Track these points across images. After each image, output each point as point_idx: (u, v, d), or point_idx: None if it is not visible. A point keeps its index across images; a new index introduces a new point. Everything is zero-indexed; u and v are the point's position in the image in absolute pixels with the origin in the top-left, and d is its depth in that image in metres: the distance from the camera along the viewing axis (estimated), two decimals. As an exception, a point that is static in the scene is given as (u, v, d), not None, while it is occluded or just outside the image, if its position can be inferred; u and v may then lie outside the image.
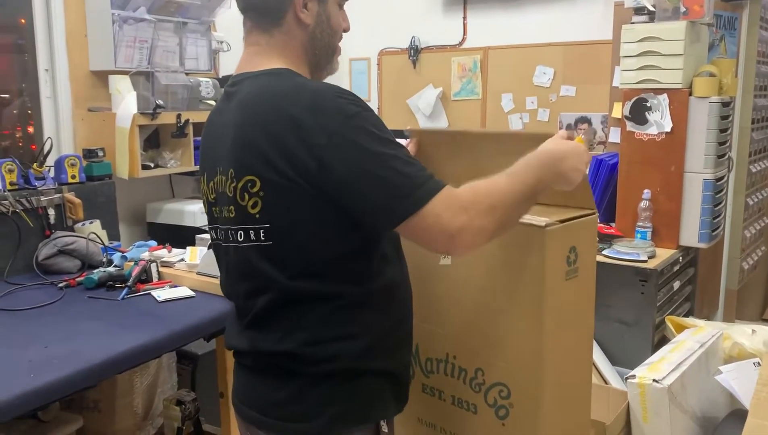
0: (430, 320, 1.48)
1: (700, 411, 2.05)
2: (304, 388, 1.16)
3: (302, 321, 1.15)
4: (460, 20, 3.91)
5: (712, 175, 2.65)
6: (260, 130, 1.08)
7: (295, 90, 1.10)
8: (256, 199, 1.10)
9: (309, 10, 1.19)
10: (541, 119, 3.65)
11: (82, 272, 2.30)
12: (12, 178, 2.39)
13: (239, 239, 1.15)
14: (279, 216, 1.10)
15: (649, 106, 2.70)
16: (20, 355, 1.64)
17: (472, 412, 1.44)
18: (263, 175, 1.08)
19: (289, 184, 1.07)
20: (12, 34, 2.82)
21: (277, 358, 1.17)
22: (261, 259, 1.14)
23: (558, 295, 1.34)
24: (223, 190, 1.16)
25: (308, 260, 1.12)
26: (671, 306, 2.71)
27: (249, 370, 1.24)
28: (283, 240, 1.11)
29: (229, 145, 1.14)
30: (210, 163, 1.22)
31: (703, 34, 2.74)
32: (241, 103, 1.14)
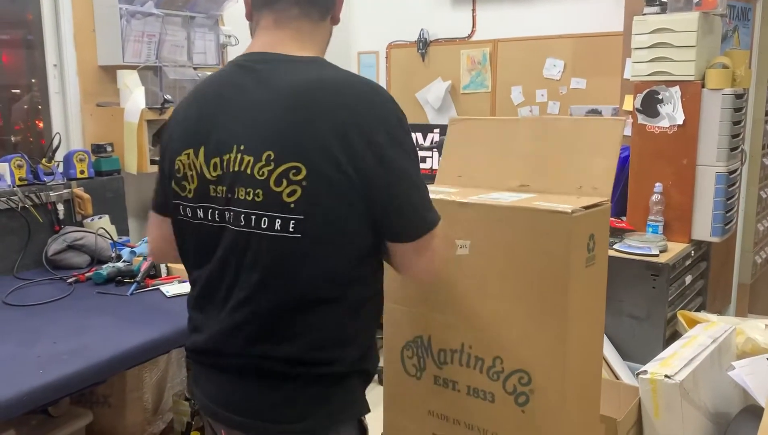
0: (444, 310, 1.48)
1: (713, 407, 2.03)
2: (298, 390, 1.14)
3: (309, 323, 1.12)
4: (469, 12, 3.89)
5: (725, 169, 2.62)
6: (317, 117, 1.05)
7: (354, 80, 1.12)
8: (295, 187, 1.05)
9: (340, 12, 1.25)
10: (552, 112, 3.63)
11: (91, 268, 2.31)
12: (21, 173, 2.39)
13: (261, 226, 1.08)
14: (316, 209, 1.06)
15: (660, 98, 2.67)
16: (29, 351, 1.64)
17: (489, 401, 1.44)
18: (312, 163, 1.04)
19: (339, 177, 1.04)
20: (20, 29, 2.82)
21: (275, 362, 1.13)
22: (282, 251, 1.08)
23: (579, 281, 1.35)
24: (242, 170, 1.08)
25: (331, 258, 1.10)
26: (683, 300, 2.69)
27: (233, 373, 1.17)
28: (312, 235, 1.07)
29: (265, 126, 1.08)
30: (214, 137, 1.12)
31: (716, 25, 2.70)
32: (291, 87, 1.09)
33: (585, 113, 3.47)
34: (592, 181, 1.46)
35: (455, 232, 1.42)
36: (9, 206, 2.30)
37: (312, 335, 1.12)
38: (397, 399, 1.61)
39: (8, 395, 1.40)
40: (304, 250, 1.08)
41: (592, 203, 1.37)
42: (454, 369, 1.49)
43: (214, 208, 1.14)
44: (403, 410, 1.60)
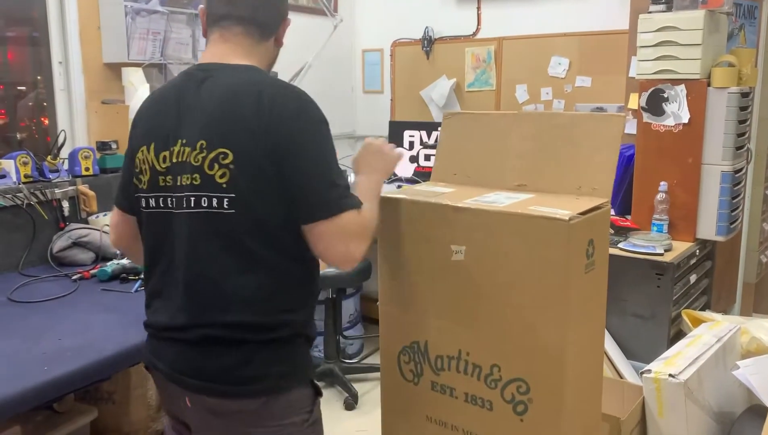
0: (441, 316, 1.46)
1: (717, 406, 2.03)
2: (252, 353, 1.27)
3: (256, 291, 1.26)
4: (474, 10, 3.88)
5: (731, 168, 2.61)
6: (244, 113, 1.23)
7: (277, 84, 1.29)
8: (225, 170, 1.22)
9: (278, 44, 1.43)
10: (557, 110, 3.62)
11: (96, 264, 2.32)
12: (27, 170, 2.40)
13: (202, 205, 1.25)
14: (244, 187, 1.22)
15: (666, 97, 2.66)
16: (34, 348, 1.65)
17: (487, 408, 1.42)
18: (236, 149, 1.22)
19: (260, 161, 1.21)
20: (26, 27, 2.83)
21: (228, 329, 1.26)
22: (220, 226, 1.24)
23: (579, 287, 1.32)
24: (184, 160, 1.26)
25: (266, 232, 1.25)
26: (687, 300, 2.68)
27: (189, 344, 1.29)
28: (245, 210, 1.23)
29: (204, 120, 1.25)
30: (163, 134, 1.30)
31: (722, 23, 2.69)
32: (221, 86, 1.27)
33: (590, 111, 3.46)
34: (592, 180, 1.43)
35: (450, 236, 1.41)
36: (14, 203, 2.31)
37: (256, 302, 1.26)
38: (394, 404, 1.60)
39: (14, 391, 1.41)
40: (240, 224, 1.24)
41: (592, 207, 1.34)
42: (452, 376, 1.47)
43: (165, 196, 1.31)
44: (401, 415, 1.58)
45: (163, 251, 1.33)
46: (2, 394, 1.39)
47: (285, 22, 1.42)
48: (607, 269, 1.46)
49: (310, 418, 1.36)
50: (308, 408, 1.35)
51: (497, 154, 1.58)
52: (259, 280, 1.26)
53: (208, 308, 1.27)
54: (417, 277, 1.48)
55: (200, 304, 1.28)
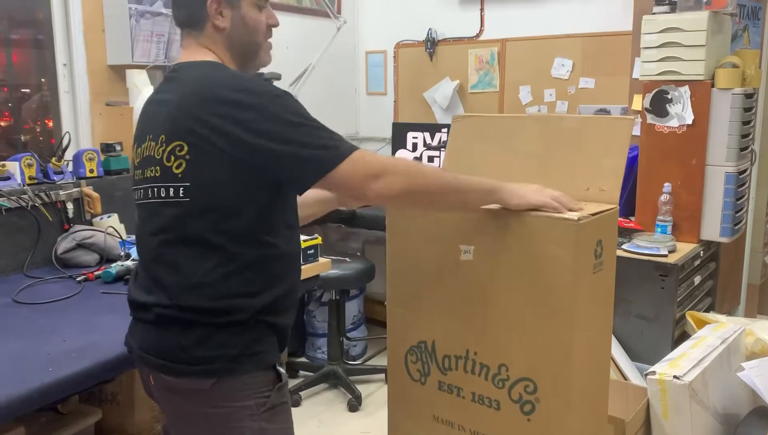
0: (449, 316, 1.46)
1: (722, 408, 2.02)
2: (206, 335, 1.31)
3: (209, 276, 1.30)
4: (477, 12, 3.88)
5: (735, 169, 2.61)
6: (195, 104, 1.27)
7: (231, 76, 1.33)
8: (181, 160, 1.28)
9: (224, 16, 1.39)
10: (560, 111, 3.62)
11: (101, 266, 2.32)
12: (31, 172, 2.41)
13: (161, 195, 1.32)
14: (199, 176, 1.27)
15: (670, 98, 2.66)
16: (39, 349, 1.65)
17: (495, 408, 1.43)
18: (190, 140, 1.26)
19: (212, 150, 1.25)
20: (31, 29, 2.84)
21: (182, 310, 1.31)
22: (177, 214, 1.30)
23: (587, 287, 1.33)
24: (150, 154, 1.34)
25: (221, 219, 1.29)
26: (692, 301, 2.68)
27: (151, 324, 1.36)
28: (199, 198, 1.28)
29: (164, 117, 1.31)
30: (141, 134, 1.39)
31: (726, 24, 2.69)
32: (182, 84, 1.33)
33: (594, 113, 3.46)
34: (600, 182, 1.44)
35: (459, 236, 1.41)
36: (19, 205, 2.32)
37: (208, 286, 1.30)
38: (401, 403, 1.60)
39: (19, 393, 1.41)
40: (195, 212, 1.29)
41: (600, 208, 1.35)
42: (459, 375, 1.47)
43: (138, 189, 1.40)
44: (408, 415, 1.59)
45: (139, 238, 1.43)
46: (7, 395, 1.39)
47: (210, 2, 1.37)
48: (614, 269, 1.47)
49: (267, 402, 1.37)
50: (265, 393, 1.36)
51: (505, 155, 1.58)
52: (211, 264, 1.30)
53: (166, 290, 1.33)
54: (425, 276, 1.48)
55: (159, 286, 1.34)
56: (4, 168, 2.31)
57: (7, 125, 2.80)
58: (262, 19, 1.44)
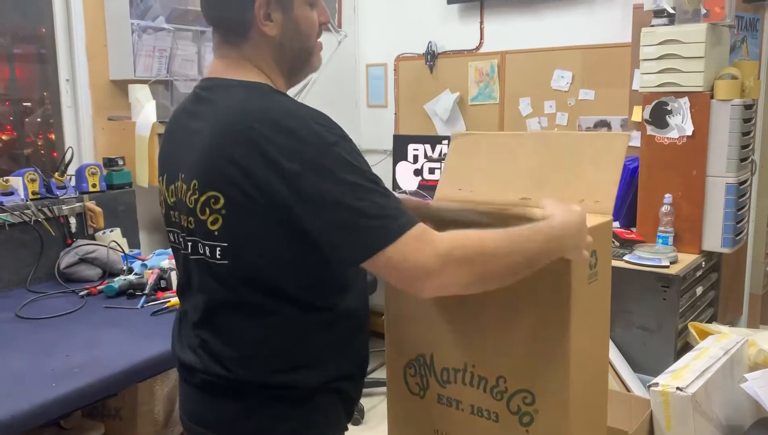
0: (445, 329, 1.47)
1: (725, 419, 2.02)
2: (256, 405, 1.15)
3: (263, 346, 1.13)
4: (476, 25, 3.90)
5: (735, 179, 2.62)
6: (231, 147, 1.05)
7: (272, 110, 1.06)
8: (217, 216, 1.08)
9: (273, 21, 1.14)
10: (560, 123, 3.63)
11: (103, 280, 2.33)
12: (34, 187, 2.42)
13: (199, 251, 1.13)
14: (237, 236, 1.08)
15: (669, 109, 2.67)
16: (42, 364, 1.66)
17: (494, 420, 1.43)
18: (228, 192, 1.06)
19: (253, 207, 1.04)
20: (34, 44, 2.86)
21: (230, 382, 1.14)
22: (219, 276, 1.12)
23: (582, 298, 1.34)
24: (182, 198, 1.14)
25: (268, 283, 1.10)
26: (694, 312, 2.68)
27: (197, 388, 1.20)
28: (239, 261, 1.09)
29: (196, 156, 1.10)
30: (171, 165, 1.18)
31: (724, 36, 2.71)
32: (215, 114, 1.10)
33: (594, 124, 3.47)
34: (594, 194, 1.45)
35: None
36: (22, 220, 2.33)
37: (266, 359, 1.13)
38: (401, 418, 1.60)
39: (22, 408, 1.42)
40: (235, 275, 1.10)
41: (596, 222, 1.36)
42: (458, 388, 1.47)
43: (176, 233, 1.20)
44: (408, 429, 1.58)
45: (183, 288, 1.25)
46: (11, 411, 1.40)
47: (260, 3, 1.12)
48: (610, 280, 1.48)
49: None
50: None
51: (503, 169, 1.59)
52: (265, 333, 1.12)
53: (215, 358, 1.16)
54: None
55: (207, 352, 1.17)
56: (7, 183, 2.32)
57: (10, 139, 2.81)
58: (315, 19, 1.20)
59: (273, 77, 1.18)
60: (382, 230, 1.00)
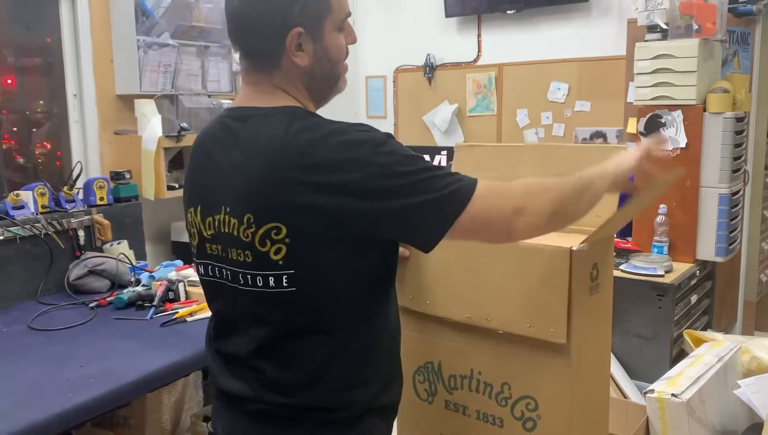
0: (453, 337, 1.52)
1: (720, 425, 2.07)
2: (310, 431, 1.17)
3: (323, 369, 1.15)
4: (474, 38, 3.98)
5: (728, 190, 2.68)
6: (283, 173, 1.06)
7: (316, 132, 1.08)
8: (280, 245, 1.08)
9: (305, 51, 1.15)
10: (557, 134, 3.70)
11: (112, 292, 2.37)
12: (44, 201, 2.47)
13: (258, 284, 1.13)
14: (303, 262, 1.09)
15: (663, 122, 2.74)
16: (57, 375, 1.70)
17: (498, 425, 1.48)
18: (289, 222, 1.07)
19: (317, 231, 1.07)
20: (42, 61, 2.92)
21: (292, 409, 1.16)
22: (282, 305, 1.13)
23: (583, 309, 1.39)
24: (230, 231, 1.13)
25: (331, 304, 1.13)
26: (689, 320, 2.73)
27: (248, 416, 1.20)
28: (307, 285, 1.11)
29: (244, 188, 1.10)
30: (207, 197, 1.18)
31: (716, 50, 2.78)
32: (257, 142, 1.11)
33: (590, 135, 3.54)
34: (595, 208, 1.51)
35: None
36: (33, 233, 2.38)
37: (326, 382, 1.15)
38: (410, 423, 1.65)
39: (41, 418, 1.47)
40: (302, 299, 1.12)
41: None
42: (464, 394, 1.53)
43: (213, 265, 1.19)
44: (417, 433, 1.64)
45: (226, 319, 1.23)
46: (30, 421, 1.45)
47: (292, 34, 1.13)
48: (611, 290, 1.54)
49: None
50: None
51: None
52: (325, 356, 1.15)
53: (272, 386, 1.16)
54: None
55: (261, 382, 1.17)
56: (18, 197, 2.38)
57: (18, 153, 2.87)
58: (343, 44, 1.22)
59: (304, 102, 1.19)
60: (454, 195, 1.07)
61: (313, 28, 1.15)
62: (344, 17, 1.21)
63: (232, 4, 1.16)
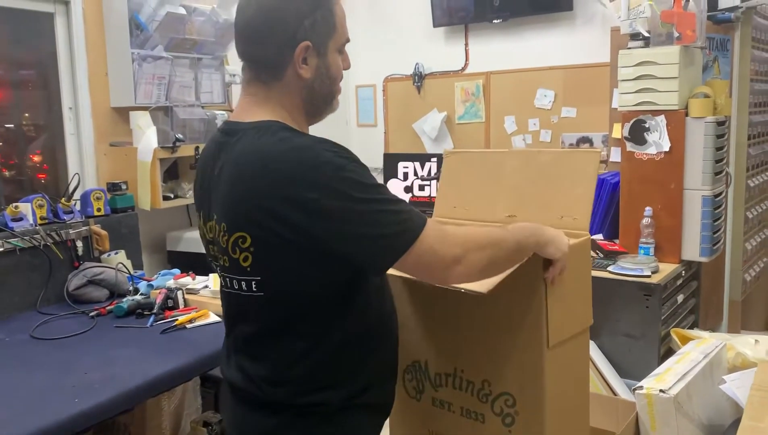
0: (438, 337, 1.59)
1: (707, 419, 2.13)
2: (292, 419, 1.24)
3: (292, 370, 1.22)
4: (462, 47, 4.05)
5: (711, 192, 2.75)
6: (249, 190, 1.14)
7: (281, 147, 1.14)
8: (246, 253, 1.17)
9: (309, 65, 1.22)
10: (544, 140, 3.77)
11: (111, 301, 2.41)
12: (42, 212, 2.51)
13: (234, 287, 1.24)
14: (269, 269, 1.18)
15: (647, 127, 2.81)
16: (62, 381, 1.74)
17: (480, 421, 1.54)
18: (253, 232, 1.15)
19: (278, 241, 1.13)
20: (38, 74, 2.96)
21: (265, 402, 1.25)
22: (255, 307, 1.22)
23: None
24: (217, 238, 1.23)
25: (300, 308, 1.20)
26: (676, 319, 2.80)
27: (240, 402, 1.30)
28: (274, 291, 1.19)
29: (222, 199, 1.20)
30: (206, 205, 1.27)
31: (696, 57, 2.86)
32: (235, 160, 1.18)
33: (576, 141, 3.62)
34: (572, 211, 1.56)
35: None
36: (32, 244, 2.42)
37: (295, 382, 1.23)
38: (400, 419, 1.71)
39: (49, 422, 1.51)
40: (272, 304, 1.21)
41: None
42: (449, 391, 1.59)
43: (216, 265, 1.30)
44: (407, 430, 1.70)
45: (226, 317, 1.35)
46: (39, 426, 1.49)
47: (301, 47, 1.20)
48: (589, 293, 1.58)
49: None
50: None
51: (490, 187, 1.72)
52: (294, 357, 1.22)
53: (252, 381, 1.26)
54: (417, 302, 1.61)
55: (245, 375, 1.28)
56: (17, 209, 2.41)
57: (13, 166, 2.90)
58: (341, 65, 1.29)
59: (295, 115, 1.26)
60: (405, 232, 1.14)
61: (319, 44, 1.22)
62: (344, 41, 1.29)
63: (245, 14, 1.23)
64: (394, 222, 1.13)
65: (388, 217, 1.13)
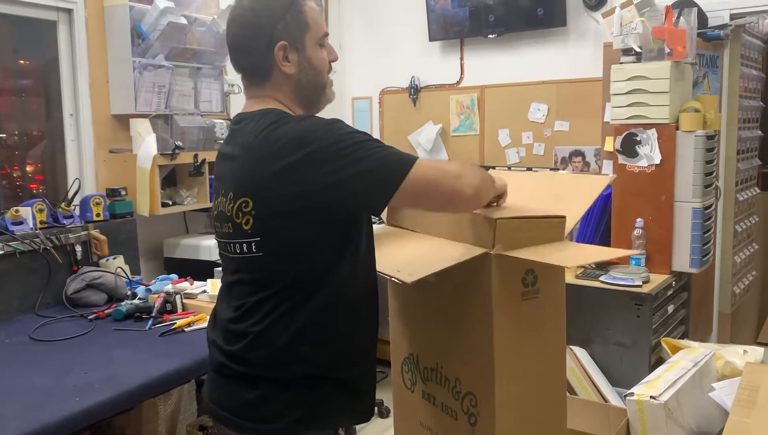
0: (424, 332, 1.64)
1: (696, 426, 2.17)
2: (271, 392, 1.32)
3: (279, 326, 1.31)
4: (457, 60, 4.11)
5: (701, 204, 2.81)
6: (252, 158, 1.29)
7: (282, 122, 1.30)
8: (248, 217, 1.29)
9: (290, 61, 1.37)
10: (537, 153, 3.83)
11: (110, 305, 2.43)
12: (42, 217, 2.53)
13: (236, 251, 1.34)
14: (268, 230, 1.29)
15: (638, 140, 2.87)
16: (63, 381, 1.77)
17: (454, 418, 1.56)
18: (254, 195, 1.28)
19: (278, 203, 1.26)
20: (39, 81, 3.00)
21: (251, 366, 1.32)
22: (253, 268, 1.33)
23: (512, 314, 1.44)
24: (222, 210, 1.36)
25: (295, 267, 1.30)
26: (666, 329, 2.85)
27: (223, 375, 1.38)
28: (270, 250, 1.30)
29: (231, 173, 1.35)
30: (216, 187, 1.42)
31: (687, 72, 2.93)
32: (243, 138, 1.34)
33: (569, 154, 3.68)
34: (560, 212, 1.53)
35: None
36: (32, 248, 2.44)
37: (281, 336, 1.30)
38: (400, 409, 1.77)
39: (51, 420, 1.54)
40: (269, 264, 1.31)
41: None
42: (434, 386, 1.62)
43: (220, 241, 1.42)
44: (405, 420, 1.75)
45: (221, 289, 1.46)
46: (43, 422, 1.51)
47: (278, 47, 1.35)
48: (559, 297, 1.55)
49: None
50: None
51: None
52: (280, 313, 1.30)
53: (235, 345, 1.34)
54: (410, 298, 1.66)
55: (229, 341, 1.36)
56: (17, 213, 2.44)
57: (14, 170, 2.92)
58: (325, 57, 1.42)
59: (292, 107, 1.40)
60: (399, 161, 1.25)
61: (295, 41, 1.37)
62: (322, 35, 1.42)
63: (231, 33, 1.39)
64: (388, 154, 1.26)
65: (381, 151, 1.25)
